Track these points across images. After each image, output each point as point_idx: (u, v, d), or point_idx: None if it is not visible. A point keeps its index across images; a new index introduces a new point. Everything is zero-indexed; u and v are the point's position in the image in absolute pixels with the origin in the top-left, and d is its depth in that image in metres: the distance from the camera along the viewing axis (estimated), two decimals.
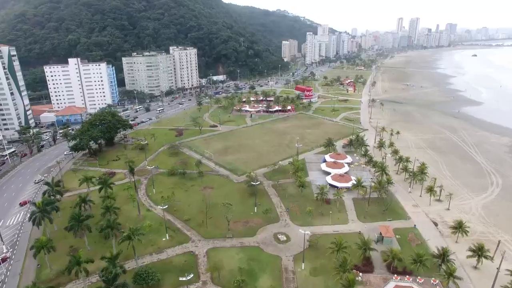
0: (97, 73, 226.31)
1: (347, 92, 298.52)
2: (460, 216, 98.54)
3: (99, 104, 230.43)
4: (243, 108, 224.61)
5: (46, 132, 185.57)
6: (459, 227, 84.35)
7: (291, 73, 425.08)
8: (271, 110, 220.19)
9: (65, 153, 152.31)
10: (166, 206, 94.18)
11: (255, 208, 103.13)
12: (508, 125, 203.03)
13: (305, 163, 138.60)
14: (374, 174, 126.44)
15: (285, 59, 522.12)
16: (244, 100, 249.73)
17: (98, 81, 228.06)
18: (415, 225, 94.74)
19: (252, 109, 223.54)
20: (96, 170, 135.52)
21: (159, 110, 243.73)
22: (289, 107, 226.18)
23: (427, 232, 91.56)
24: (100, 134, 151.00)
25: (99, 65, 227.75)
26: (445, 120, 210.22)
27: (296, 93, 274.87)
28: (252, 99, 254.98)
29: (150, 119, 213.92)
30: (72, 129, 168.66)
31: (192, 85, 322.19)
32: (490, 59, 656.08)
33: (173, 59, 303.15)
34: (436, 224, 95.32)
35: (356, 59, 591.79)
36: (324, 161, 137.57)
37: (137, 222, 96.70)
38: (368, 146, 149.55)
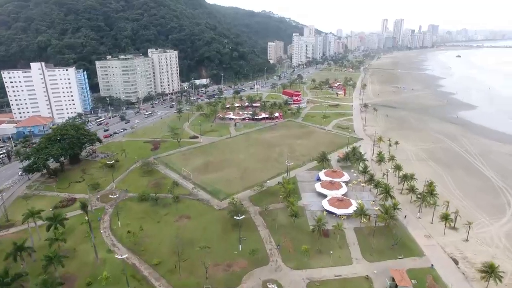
0: (65, 79, 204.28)
1: (337, 96, 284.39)
2: (482, 250, 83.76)
3: (68, 113, 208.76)
4: (226, 116, 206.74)
5: (3, 147, 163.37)
6: (491, 272, 68.84)
7: (277, 76, 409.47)
8: (257, 117, 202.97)
9: (19, 174, 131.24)
10: (126, 256, 75.79)
11: (240, 245, 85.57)
12: (508, 131, 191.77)
13: (296, 182, 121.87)
14: (376, 195, 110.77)
15: (271, 61, 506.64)
16: (228, 106, 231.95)
17: (66, 87, 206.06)
18: (432, 264, 78.97)
19: (237, 117, 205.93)
20: (53, 195, 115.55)
21: (146, 115, 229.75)
22: (276, 114, 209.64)
23: (448, 274, 75.90)
24: (60, 152, 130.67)
25: (66, 70, 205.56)
26: (443, 126, 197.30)
27: (283, 98, 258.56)
28: (236, 105, 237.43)
29: (125, 129, 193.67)
30: (30, 144, 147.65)
31: (173, 90, 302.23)
32: (472, 60, 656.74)
33: (152, 63, 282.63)
34: (456, 262, 79.86)
35: (343, 60, 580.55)
36: (318, 179, 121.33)
37: (93, 269, 78.10)
38: (367, 160, 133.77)
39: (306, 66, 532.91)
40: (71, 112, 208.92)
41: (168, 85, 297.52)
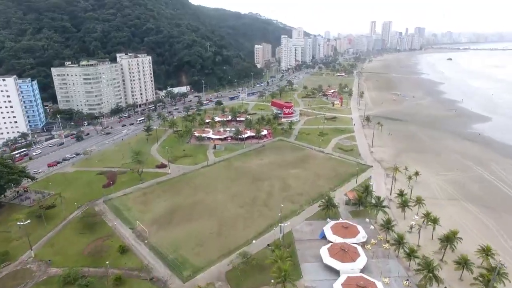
0: (2, 91, 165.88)
1: (333, 106, 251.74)
2: None
3: (8, 133, 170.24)
4: (204, 135, 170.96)
5: None
6: None
7: (265, 82, 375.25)
8: (241, 137, 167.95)
9: None
10: None
11: None
12: None
13: (293, 243, 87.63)
14: (410, 268, 77.09)
15: (258, 65, 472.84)
16: (207, 121, 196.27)
17: (5, 102, 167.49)
18: None
19: (217, 136, 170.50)
20: None
21: (139, 121, 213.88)
22: (264, 132, 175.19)
23: None
24: None
25: (3, 80, 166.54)
26: (463, 145, 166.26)
27: (272, 110, 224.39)
28: (217, 119, 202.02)
29: (78, 154, 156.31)
30: None
31: (146, 100, 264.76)
32: (463, 63, 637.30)
33: (121, 69, 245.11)
34: None
35: (334, 64, 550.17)
36: (323, 237, 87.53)
37: None
38: (388, 207, 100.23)
39: (296, 70, 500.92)
40: (13, 132, 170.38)
41: (141, 94, 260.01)
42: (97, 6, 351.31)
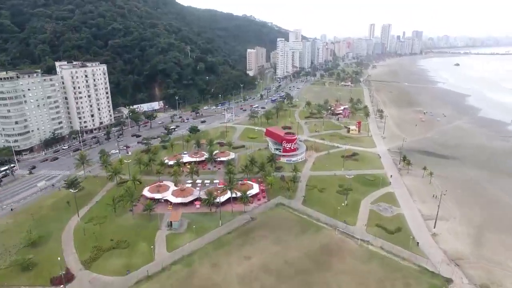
0: None
1: (348, 132, 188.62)
2: None
3: None
4: (159, 196, 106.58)
5: None
6: None
7: (259, 94, 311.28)
8: (217, 201, 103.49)
9: None
10: None
11: None
12: None
13: None
14: None
15: (251, 73, 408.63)
16: (170, 163, 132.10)
17: None
18: None
19: (178, 199, 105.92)
20: None
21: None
22: (255, 188, 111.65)
23: None
24: None
25: None
26: None
27: (267, 141, 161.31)
28: (186, 159, 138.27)
29: None
30: None
31: (100, 123, 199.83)
32: (471, 69, 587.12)
33: (62, 83, 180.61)
34: None
35: (338, 70, 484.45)
36: None
37: None
38: None
39: (294, 78, 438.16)
40: None
41: (92, 116, 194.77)
42: (52, 1, 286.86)
